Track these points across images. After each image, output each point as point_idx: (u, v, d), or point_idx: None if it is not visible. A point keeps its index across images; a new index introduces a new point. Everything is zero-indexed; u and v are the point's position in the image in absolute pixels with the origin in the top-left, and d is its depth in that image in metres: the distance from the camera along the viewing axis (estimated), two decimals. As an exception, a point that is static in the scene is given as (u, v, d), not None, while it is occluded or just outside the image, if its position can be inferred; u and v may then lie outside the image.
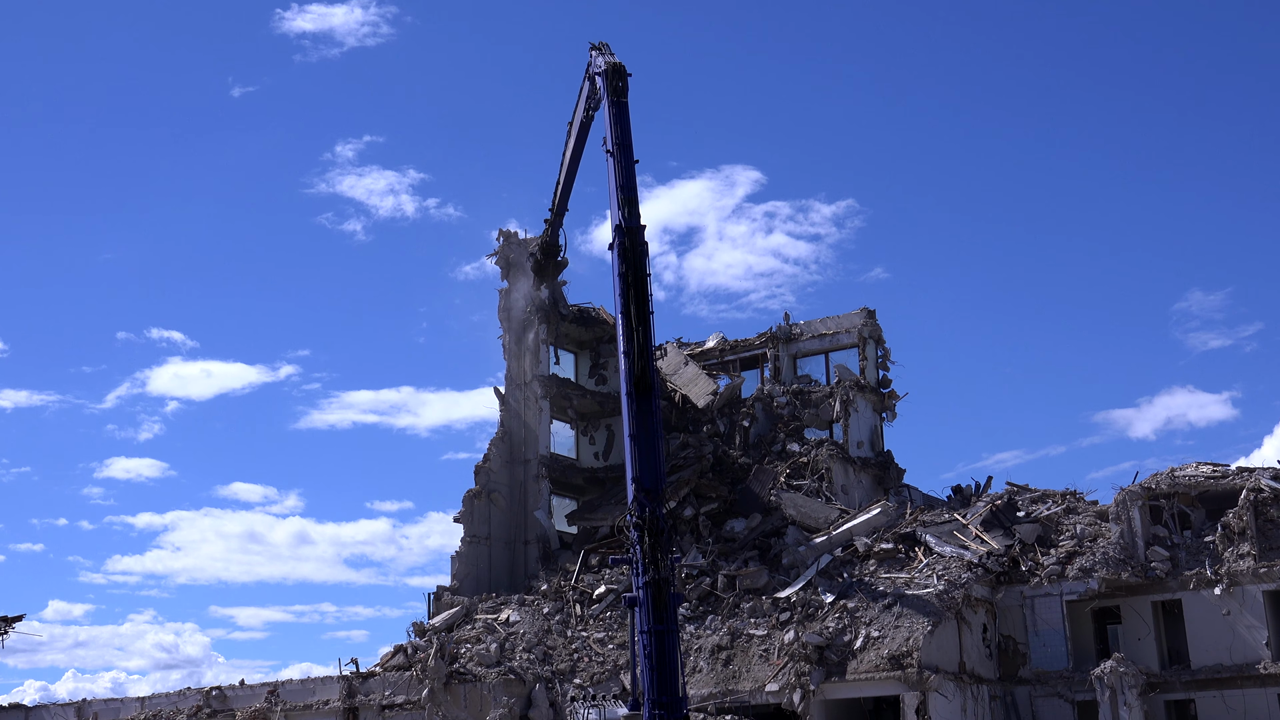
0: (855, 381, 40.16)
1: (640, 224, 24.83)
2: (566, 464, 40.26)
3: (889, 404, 41.31)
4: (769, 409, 40.51)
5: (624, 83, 26.32)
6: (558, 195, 35.95)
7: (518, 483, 39.27)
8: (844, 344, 41.58)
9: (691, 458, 38.00)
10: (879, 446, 40.99)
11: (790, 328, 42.50)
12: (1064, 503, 34.06)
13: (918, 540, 32.79)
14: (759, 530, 35.48)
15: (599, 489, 40.18)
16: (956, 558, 31.46)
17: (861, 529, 33.78)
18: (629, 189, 25.02)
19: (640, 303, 24.16)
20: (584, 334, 41.88)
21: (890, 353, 41.81)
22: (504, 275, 41.07)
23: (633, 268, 24.32)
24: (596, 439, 41.73)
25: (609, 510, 37.37)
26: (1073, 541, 31.90)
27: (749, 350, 43.08)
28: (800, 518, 35.16)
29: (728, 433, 40.07)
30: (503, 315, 40.77)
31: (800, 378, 41.97)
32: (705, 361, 43.29)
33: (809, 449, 38.30)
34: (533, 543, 38.29)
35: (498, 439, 39.43)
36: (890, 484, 39.93)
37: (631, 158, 25.48)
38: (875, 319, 41.50)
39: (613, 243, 25.07)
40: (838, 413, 39.52)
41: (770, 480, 37.13)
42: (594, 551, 36.17)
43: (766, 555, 34.39)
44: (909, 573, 31.33)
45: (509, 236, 41.20)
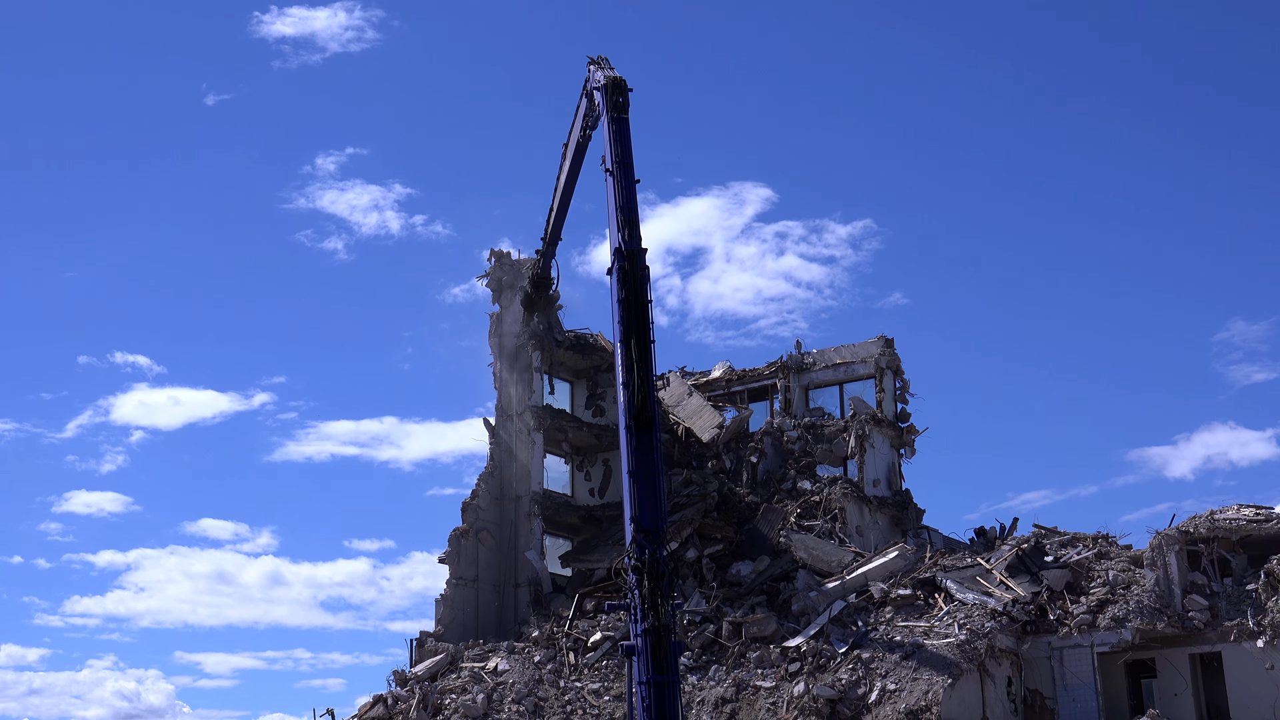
0: (872, 415, 40.31)
1: (641, 247, 25.05)
2: (560, 501, 40.37)
3: (908, 439, 41.43)
4: (779, 444, 40.62)
5: (625, 98, 26.61)
6: (551, 222, 36.20)
7: (508, 521, 39.36)
8: (860, 374, 41.74)
9: (695, 496, 38.10)
10: (896, 485, 41.08)
11: (802, 357, 42.67)
12: (1095, 547, 34.14)
13: (938, 586, 32.87)
14: (767, 574, 35.56)
15: (595, 528, 40.27)
16: (979, 605, 31.53)
17: (877, 573, 33.86)
18: (629, 210, 25.25)
19: (641, 331, 24.35)
20: (581, 362, 42.07)
21: (909, 384, 42.00)
22: (495, 298, 41.30)
23: (633, 293, 24.51)
24: (593, 475, 41.84)
25: (606, 551, 37.45)
26: (1105, 589, 31.97)
27: (758, 380, 43.24)
28: (811, 561, 35.24)
29: (734, 469, 40.18)
30: (493, 341, 40.96)
31: (813, 410, 42.11)
32: (711, 392, 43.43)
33: (821, 487, 38.40)
34: (523, 586, 38.35)
35: (487, 474, 39.55)
36: (908, 525, 39.98)
37: (632, 177, 25.73)
38: (893, 348, 41.67)
39: (611, 267, 25.28)
40: (853, 448, 39.65)
41: (779, 520, 37.22)
42: (589, 596, 36.22)
43: (775, 601, 34.45)
44: (928, 621, 31.39)
45: (501, 257, 41.45)
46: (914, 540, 38.41)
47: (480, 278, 41.79)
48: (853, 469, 39.83)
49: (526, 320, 40.01)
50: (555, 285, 38.84)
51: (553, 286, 38.92)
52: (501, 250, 41.62)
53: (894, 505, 40.01)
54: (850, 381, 41.95)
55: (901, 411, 41.73)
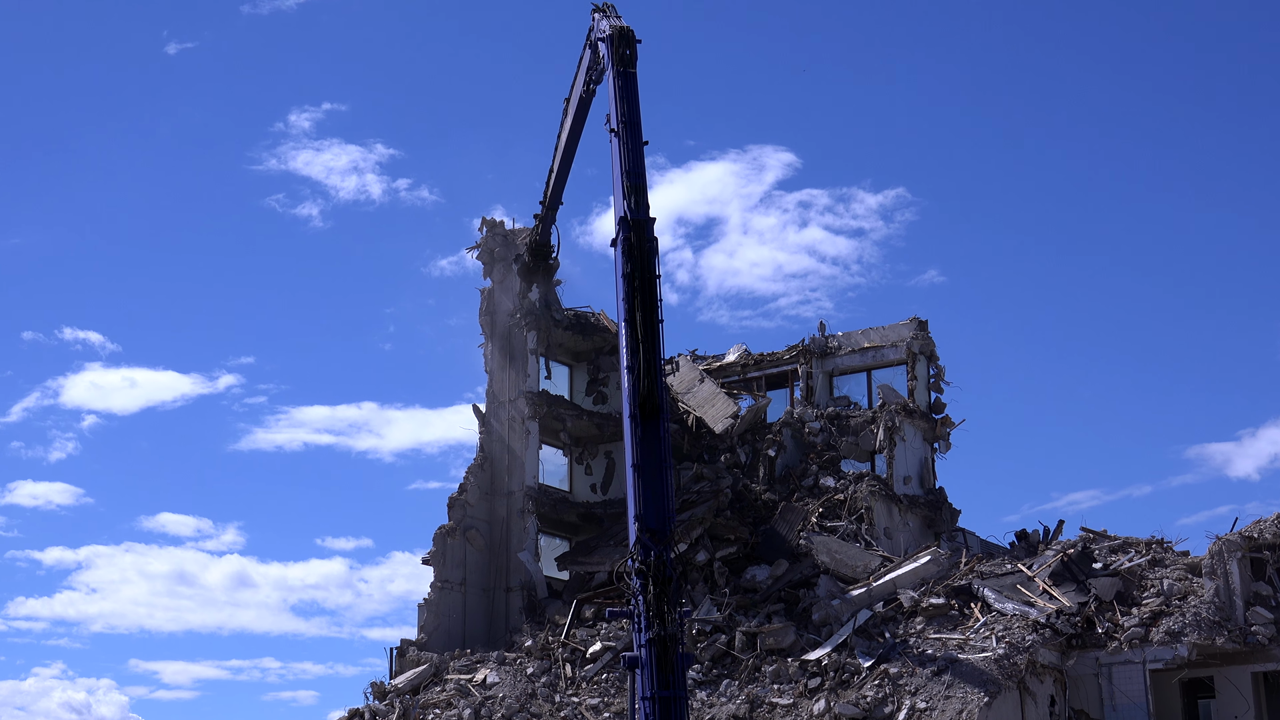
0: (902, 405, 40.39)
1: (649, 216, 25.11)
2: (557, 497, 40.52)
3: (942, 432, 41.51)
4: (799, 436, 40.73)
5: (632, 50, 26.65)
6: (550, 185, 36.27)
7: (499, 519, 39.53)
8: (890, 360, 41.79)
9: (706, 492, 38.24)
10: (929, 483, 41.18)
11: (826, 340, 42.72)
12: (1149, 553, 34.24)
13: (974, 595, 33.00)
14: (785, 580, 35.71)
15: (595, 528, 40.43)
16: (1020, 616, 31.66)
17: (907, 580, 33.99)
18: (636, 175, 25.31)
19: (648, 309, 24.43)
20: (581, 343, 42.16)
21: (945, 371, 42.04)
22: (487, 272, 41.39)
23: (639, 268, 24.59)
24: (594, 468, 41.98)
25: (607, 553, 37.61)
26: (1159, 599, 32.07)
27: (777, 366, 43.29)
28: (834, 566, 35.38)
29: (750, 463, 40.29)
30: (485, 319, 41.06)
31: (837, 399, 42.18)
32: (725, 378, 43.51)
33: (846, 484, 38.51)
34: (516, 590, 38.53)
35: (476, 466, 39.70)
36: (942, 527, 40.08)
37: (640, 139, 25.78)
38: (928, 331, 41.72)
39: (616, 238, 25.34)
40: (881, 442, 39.74)
41: (799, 521, 37.35)
42: (588, 602, 36.40)
43: (793, 609, 34.61)
44: (963, 633, 31.53)
45: (494, 226, 41.52)
46: (948, 544, 38.48)
47: (470, 249, 41.90)
48: (881, 465, 39.91)
49: (522, 295, 40.10)
50: (556, 253, 38.92)
51: (553, 254, 38.99)
52: (494, 219, 41.71)
53: (926, 505, 40.11)
54: (879, 368, 41.99)
55: (936, 401, 41.79)
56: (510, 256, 40.69)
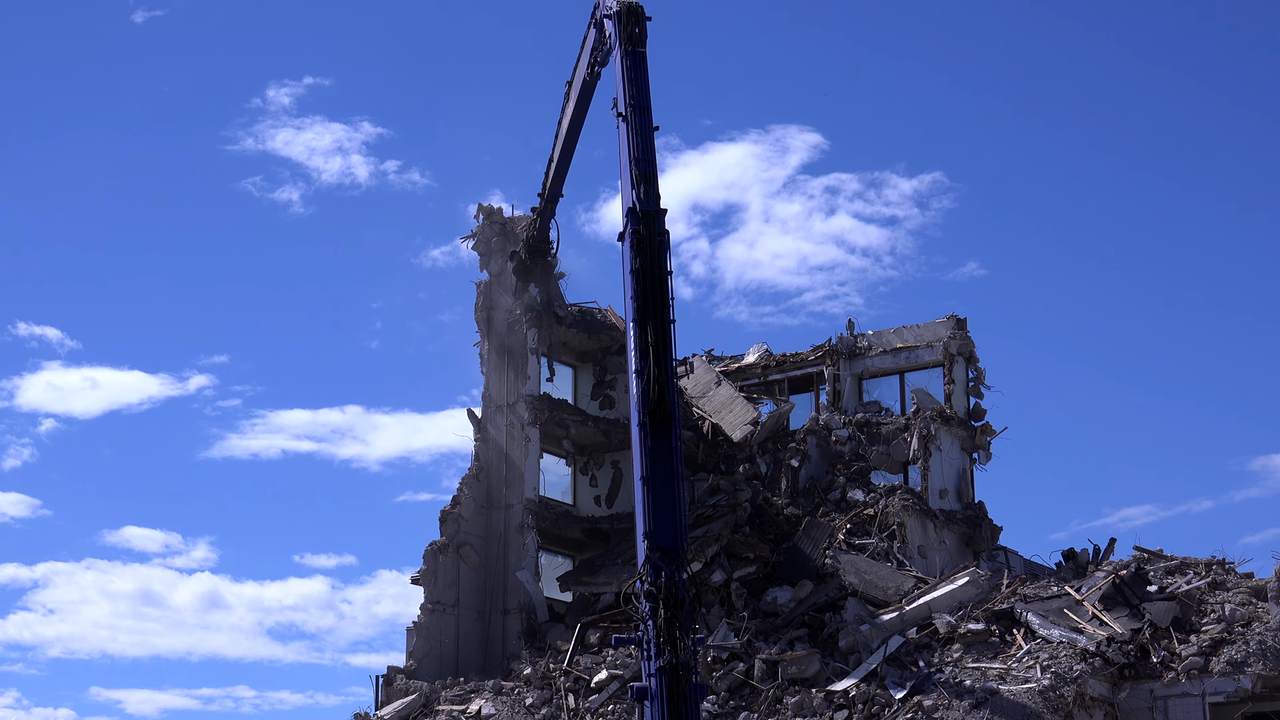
0: (939, 411, 40.48)
1: (660, 207, 25.23)
2: (560, 511, 40.68)
3: (982, 441, 41.59)
4: (825, 445, 40.83)
5: (642, 28, 26.78)
6: (550, 175, 36.41)
7: (496, 534, 39.68)
8: (925, 361, 41.86)
9: (723, 506, 38.36)
10: (968, 496, 41.27)
11: (855, 339, 42.81)
12: (1209, 575, 34.30)
13: (1017, 620, 33.10)
14: (809, 602, 35.83)
15: (601, 544, 40.58)
16: (1067, 644, 31.76)
17: (944, 603, 34.10)
18: (646, 163, 25.42)
19: (659, 308, 24.54)
20: (586, 343, 42.32)
21: (985, 374, 42.11)
22: (484, 264, 41.55)
23: (649, 263, 24.70)
24: (599, 479, 42.13)
25: (614, 573, 37.75)
26: (1220, 626, 32.14)
27: (801, 367, 43.39)
28: (864, 587, 35.50)
29: (771, 474, 40.41)
30: (481, 316, 41.21)
31: (867, 405, 42.28)
32: (744, 381, 43.61)
33: (877, 498, 38.61)
34: (513, 612, 38.68)
35: (471, 477, 39.86)
36: (982, 546, 40.16)
37: (650, 124, 25.88)
38: (966, 330, 41.80)
39: (624, 230, 25.46)
40: (915, 451, 39.84)
41: (825, 538, 37.48)
42: (593, 626, 36.55)
43: (818, 635, 34.73)
44: (1004, 662, 31.63)
45: (491, 213, 41.69)
46: (988, 564, 38.55)
47: (466, 238, 42.06)
48: (915, 476, 40.01)
49: (521, 291, 40.22)
50: (555, 250, 39.11)
51: (551, 251, 39.19)
52: (492, 205, 41.88)
53: (964, 521, 40.20)
54: (913, 370, 42.07)
55: (975, 407, 41.86)
56: (509, 246, 40.80)
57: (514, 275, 39.95)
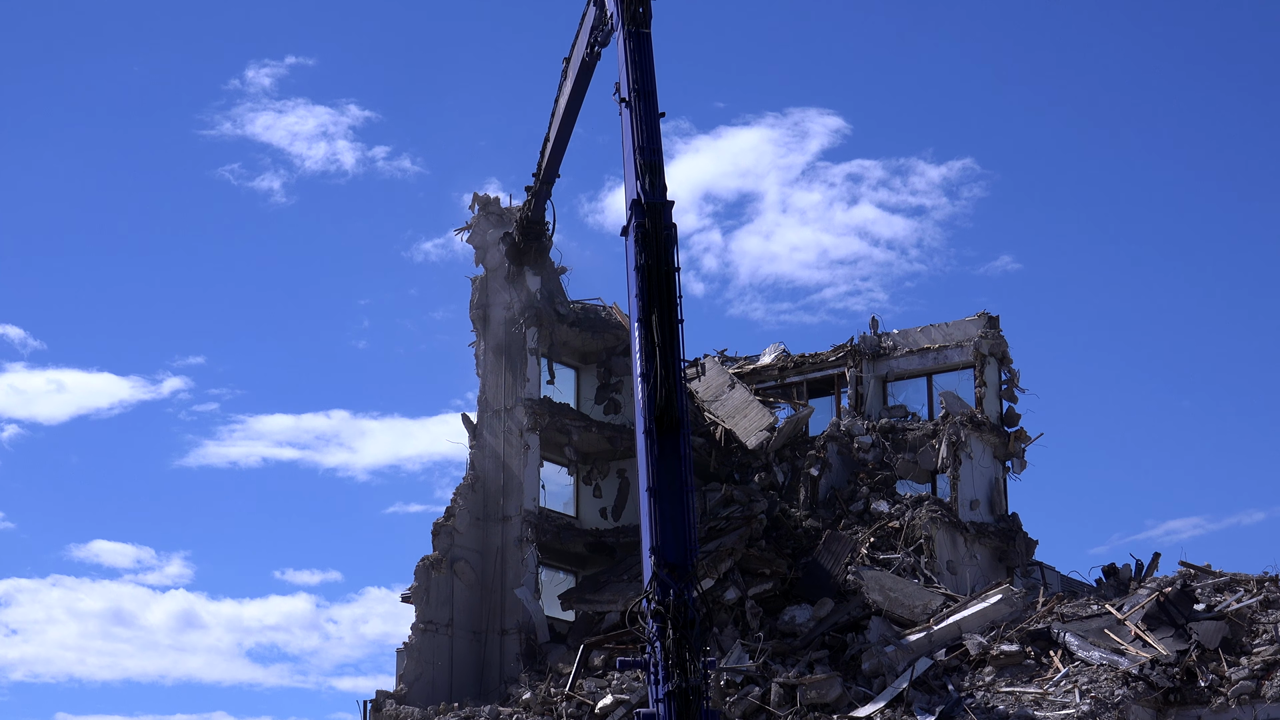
0: (969, 416, 40.53)
1: (667, 199, 25.32)
2: (562, 524, 40.76)
3: (1016, 449, 41.60)
4: (847, 452, 40.90)
5: (646, 7, 26.77)
6: (545, 155, 36.50)
7: (493, 549, 39.77)
8: (954, 363, 41.90)
9: (737, 519, 38.45)
10: (1001, 508, 41.31)
11: (879, 338, 42.86)
12: (1261, 592, 34.34)
13: (1054, 641, 33.17)
14: (830, 622, 35.92)
15: (606, 560, 40.68)
16: (1108, 666, 31.84)
17: (975, 623, 34.18)
18: (652, 153, 25.52)
19: (665, 306, 24.63)
20: (590, 342, 42.40)
21: (1019, 376, 42.13)
22: (479, 258, 41.65)
23: (655, 259, 24.81)
24: (604, 489, 42.22)
25: (620, 590, 37.84)
26: (1273, 647, 32.19)
27: (820, 369, 43.43)
28: (889, 605, 35.59)
29: (788, 484, 40.48)
30: (476, 313, 41.31)
31: (892, 409, 42.33)
32: (759, 384, 43.67)
33: (902, 509, 38.69)
34: (512, 633, 38.78)
35: (466, 487, 39.95)
36: (1016, 561, 40.19)
37: (656, 110, 25.98)
38: (999, 328, 41.81)
39: (628, 224, 25.57)
40: (944, 459, 39.89)
41: (847, 552, 37.56)
42: (597, 648, 36.64)
43: (840, 657, 34.81)
44: (1040, 686, 31.71)
45: (487, 203, 41.77)
46: (1023, 581, 38.59)
47: (460, 230, 42.14)
48: (944, 486, 40.05)
49: (515, 277, 40.26)
50: (551, 230, 39.24)
51: (547, 232, 39.31)
52: (488, 195, 41.94)
53: (997, 534, 40.24)
54: (942, 371, 42.10)
55: (1008, 412, 41.88)
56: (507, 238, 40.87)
57: (506, 259, 39.98)
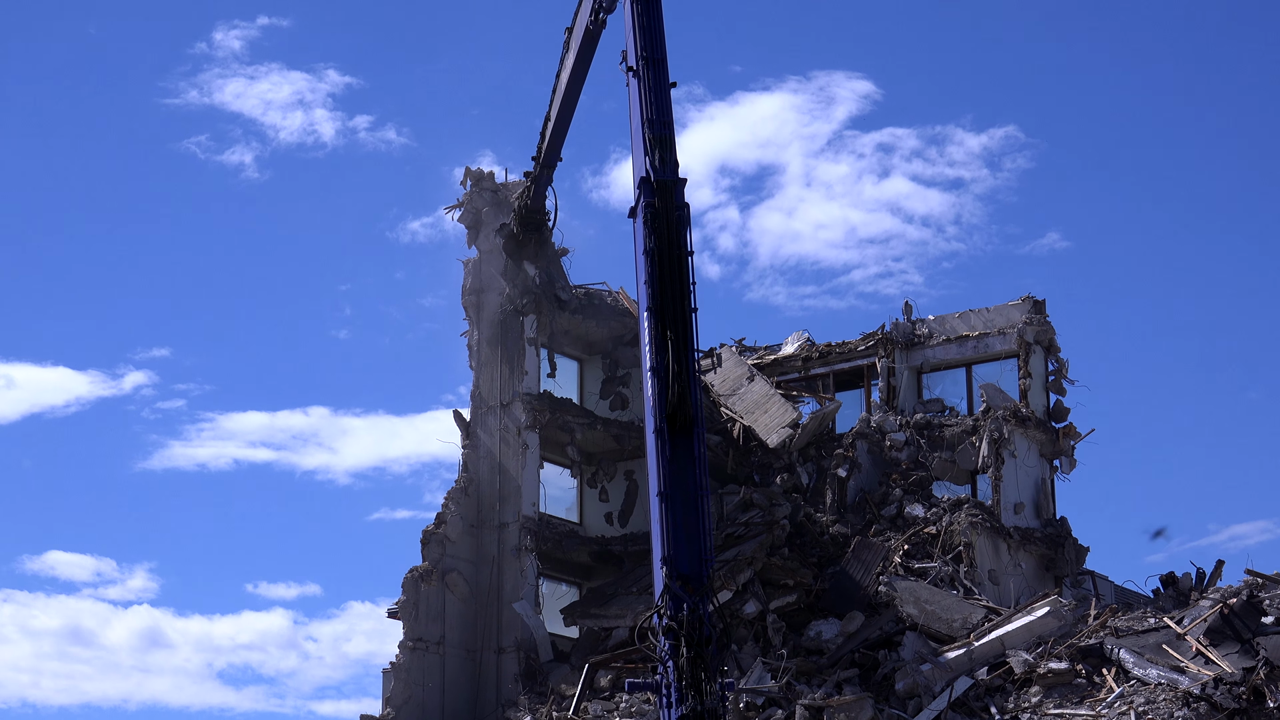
0: (1013, 410, 40.55)
1: (679, 176, 25.34)
2: (564, 531, 40.85)
3: (1065, 446, 41.62)
4: (878, 451, 40.96)
5: None
6: (547, 136, 36.53)
7: (488, 559, 39.85)
8: (996, 352, 41.93)
9: (757, 525, 38.52)
10: (1048, 512, 41.36)
11: (913, 325, 42.90)
12: (1335, 603, 34.44)
13: (1107, 658, 33.24)
14: (860, 638, 36.01)
15: (613, 570, 40.77)
16: (1167, 686, 31.91)
17: (1020, 639, 34.26)
18: (662, 125, 25.49)
19: (677, 294, 24.63)
20: (594, 331, 42.45)
21: (1068, 366, 42.14)
22: (472, 239, 41.71)
23: (666, 242, 24.82)
24: (610, 493, 42.30)
25: (628, 604, 37.93)
26: (1347, 664, 32.28)
27: (849, 359, 43.50)
28: (925, 619, 35.67)
29: (814, 486, 40.55)
30: (469, 299, 41.37)
31: (928, 403, 42.37)
32: (781, 376, 43.73)
33: (939, 513, 38.74)
34: (510, 651, 38.87)
35: (458, 491, 40.02)
36: (1065, 570, 40.25)
37: (666, 79, 25.97)
38: (1045, 313, 41.84)
39: (636, 204, 25.58)
40: (985, 458, 39.92)
41: (879, 561, 37.63)
42: (604, 667, 36.75)
43: (871, 677, 34.90)
44: (1093, 708, 31.79)
45: (481, 179, 41.82)
46: (1072, 592, 38.65)
47: (451, 208, 42.17)
48: (985, 488, 40.12)
49: (513, 272, 40.37)
50: (552, 221, 39.32)
51: (548, 222, 39.37)
52: (481, 169, 41.99)
53: (1044, 541, 40.30)
54: (982, 361, 42.14)
55: (1056, 406, 41.91)
56: (502, 218, 40.92)
57: (504, 252, 40.06)
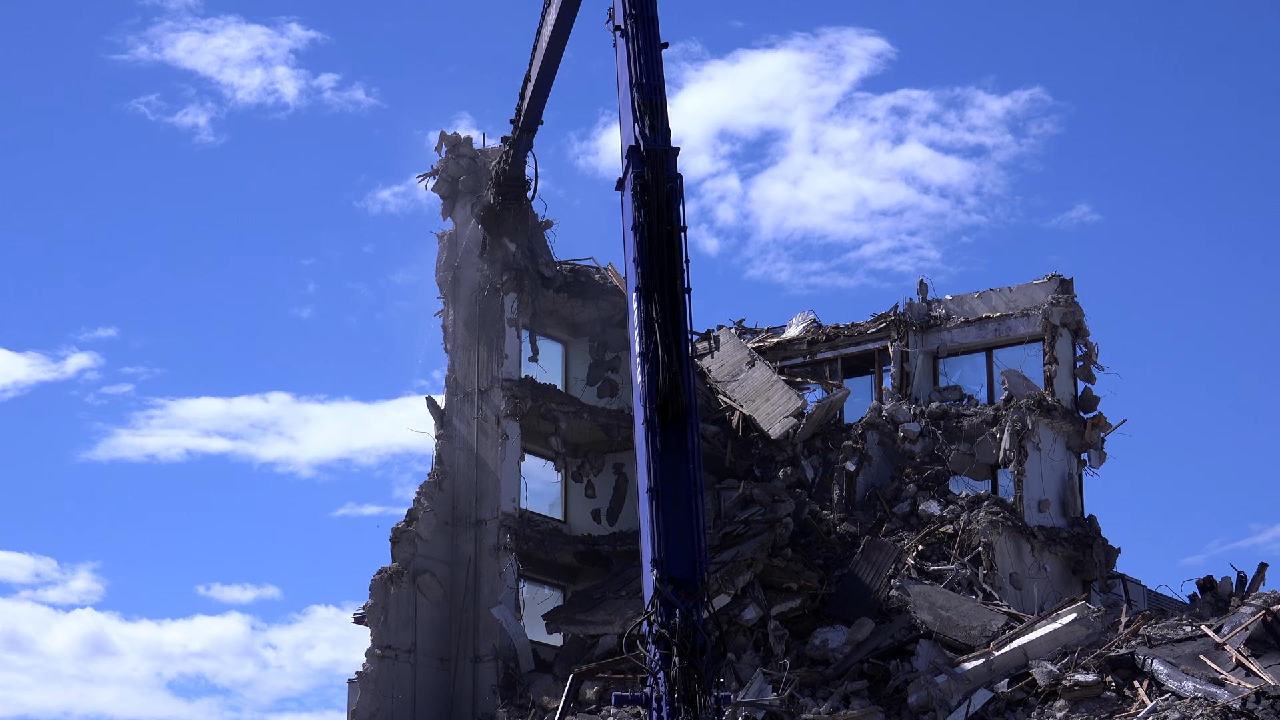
0: (1037, 399, 40.52)
1: (671, 145, 25.26)
2: (547, 529, 40.82)
3: (1095, 439, 41.60)
4: (890, 443, 40.93)
5: None
6: (526, 97, 36.49)
7: (464, 559, 39.86)
8: (1020, 335, 41.92)
9: (757, 523, 38.51)
10: (1075, 509, 41.34)
11: (929, 306, 42.86)
12: (1387, 611, 34.43)
13: (1139, 669, 33.26)
14: (870, 647, 36.01)
15: (600, 572, 40.77)
16: (1204, 700, 31.92)
17: (1044, 648, 34.27)
18: (652, 90, 25.43)
19: (668, 273, 24.60)
20: (580, 311, 42.40)
21: (1098, 351, 42.11)
22: (447, 209, 41.69)
23: (656, 217, 24.76)
24: (597, 488, 42.30)
25: (617, 609, 37.95)
26: (1400, 677, 32.28)
27: (858, 343, 43.48)
28: (940, 627, 35.68)
29: (820, 481, 40.53)
30: (444, 276, 41.36)
31: (945, 391, 42.35)
32: (784, 361, 43.70)
33: (956, 511, 38.72)
34: (488, 660, 38.90)
35: (431, 485, 40.01)
36: (1093, 573, 40.26)
37: (657, 38, 25.92)
38: (1073, 293, 41.83)
39: (624, 175, 25.54)
40: (1006, 452, 39.90)
41: (890, 563, 37.62)
42: (590, 678, 36.73)
43: (882, 689, 34.92)
44: (1121, 724, 31.82)
45: (457, 144, 41.79)
46: (1102, 597, 38.62)
47: (424, 176, 42.14)
48: (1006, 483, 40.10)
49: (494, 245, 40.32)
50: (532, 191, 39.25)
51: (528, 192, 39.30)
52: (458, 133, 41.98)
53: (1071, 541, 40.29)
54: (1004, 345, 42.12)
55: (1085, 394, 41.89)
56: (480, 187, 40.90)
57: (480, 226, 40.00)
